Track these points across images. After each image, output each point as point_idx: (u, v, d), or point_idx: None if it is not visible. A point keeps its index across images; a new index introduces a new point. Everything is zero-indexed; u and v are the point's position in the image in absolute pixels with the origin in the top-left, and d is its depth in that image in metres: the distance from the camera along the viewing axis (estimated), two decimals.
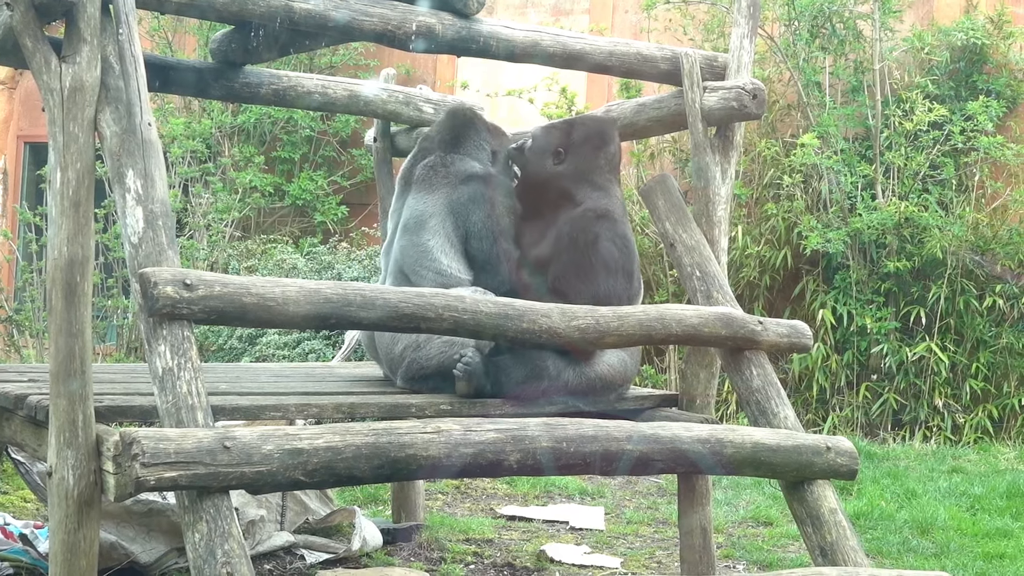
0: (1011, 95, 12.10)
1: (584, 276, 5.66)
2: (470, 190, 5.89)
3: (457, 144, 6.10)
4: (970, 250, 11.52)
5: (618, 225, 5.84)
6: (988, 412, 11.26)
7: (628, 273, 5.78)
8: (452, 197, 5.88)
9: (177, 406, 4.08)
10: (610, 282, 5.69)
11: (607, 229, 5.77)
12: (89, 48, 4.40)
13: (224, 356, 11.03)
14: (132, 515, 5.94)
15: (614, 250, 5.74)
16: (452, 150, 6.07)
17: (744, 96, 5.72)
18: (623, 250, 5.79)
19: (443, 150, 6.07)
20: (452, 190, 5.90)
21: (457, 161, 6.01)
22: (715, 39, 12.48)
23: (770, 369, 5.41)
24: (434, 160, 6.03)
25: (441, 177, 5.96)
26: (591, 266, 5.68)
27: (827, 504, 4.98)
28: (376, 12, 5.19)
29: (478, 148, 6.14)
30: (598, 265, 5.68)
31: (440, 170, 5.98)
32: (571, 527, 7.53)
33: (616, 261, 5.73)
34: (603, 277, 5.67)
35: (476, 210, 5.85)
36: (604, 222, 5.79)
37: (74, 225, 4.34)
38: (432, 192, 5.93)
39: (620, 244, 5.78)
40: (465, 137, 6.14)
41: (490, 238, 5.81)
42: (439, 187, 5.93)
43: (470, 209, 5.85)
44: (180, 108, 14.54)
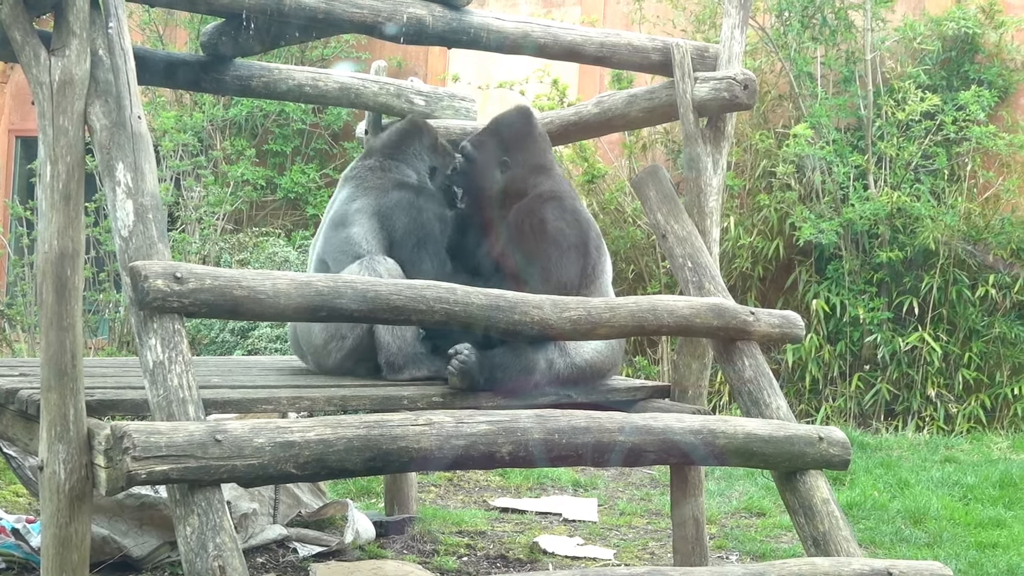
0: (1003, 84, 12.10)
1: (536, 258, 5.68)
2: (399, 196, 5.96)
3: (399, 151, 6.21)
4: (962, 240, 11.53)
5: (565, 202, 5.88)
6: (981, 402, 11.28)
7: (582, 247, 5.78)
8: (381, 200, 5.96)
9: (168, 399, 4.07)
10: (564, 260, 5.71)
11: (554, 208, 5.81)
12: (78, 41, 4.39)
13: (216, 349, 11.01)
14: (124, 509, 5.94)
15: (563, 227, 5.77)
16: (392, 156, 6.18)
17: (735, 86, 5.72)
18: (573, 225, 5.80)
19: (384, 155, 6.19)
20: (383, 194, 5.98)
21: (394, 168, 6.12)
22: (706, 30, 12.47)
23: (762, 360, 5.41)
24: (373, 163, 6.15)
25: (376, 179, 6.06)
26: (543, 248, 5.70)
27: (820, 494, 4.98)
28: (366, 4, 5.19)
29: (418, 159, 6.24)
30: (549, 246, 5.70)
31: (377, 173, 6.09)
32: (564, 519, 7.53)
33: (567, 238, 5.74)
34: (555, 256, 5.69)
35: (401, 216, 5.90)
36: (551, 202, 5.83)
37: (64, 219, 4.33)
38: (364, 193, 6.02)
39: (570, 220, 5.81)
40: (408, 146, 6.24)
41: (411, 244, 5.86)
42: (371, 189, 6.02)
43: (396, 214, 5.90)
44: (171, 101, 14.52)
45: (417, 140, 6.27)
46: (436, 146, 6.33)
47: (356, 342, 5.73)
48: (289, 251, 11.92)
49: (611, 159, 13.00)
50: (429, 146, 6.29)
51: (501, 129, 6.09)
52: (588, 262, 5.80)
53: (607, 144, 12.90)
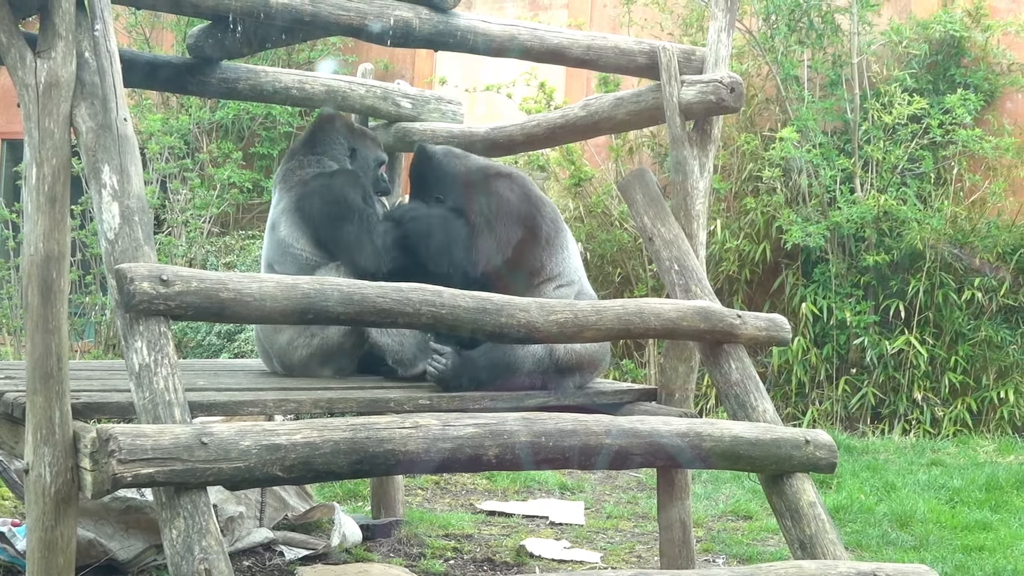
0: (989, 88, 12.13)
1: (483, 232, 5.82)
2: (314, 186, 6.06)
3: (314, 145, 6.34)
4: (949, 243, 11.55)
5: (515, 178, 6.09)
6: (967, 405, 11.30)
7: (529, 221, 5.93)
8: (298, 195, 6.07)
9: (154, 402, 4.06)
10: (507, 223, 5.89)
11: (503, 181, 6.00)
12: (64, 43, 4.38)
13: (202, 352, 11.00)
14: (110, 512, 5.93)
15: (510, 196, 5.95)
16: (309, 152, 6.31)
17: (722, 89, 5.72)
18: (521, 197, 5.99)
19: (302, 153, 6.33)
20: (301, 188, 6.09)
21: (312, 163, 6.24)
22: (693, 33, 12.49)
23: (749, 363, 5.42)
24: (293, 163, 6.28)
25: (296, 178, 6.18)
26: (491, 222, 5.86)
27: (806, 497, 4.98)
28: (353, 6, 5.18)
29: (334, 146, 6.34)
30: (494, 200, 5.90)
31: (297, 172, 6.22)
32: (551, 522, 7.53)
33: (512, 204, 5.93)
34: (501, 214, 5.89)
35: (316, 201, 5.99)
36: (498, 179, 6.02)
37: (50, 221, 4.32)
38: (287, 192, 6.15)
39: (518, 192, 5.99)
40: (324, 137, 6.35)
41: (329, 222, 5.94)
42: (292, 188, 6.15)
43: (312, 202, 6.00)
44: (158, 104, 14.50)
45: (331, 129, 6.37)
46: (352, 129, 6.44)
47: (323, 342, 5.75)
48: None
49: (598, 162, 13.01)
50: (344, 131, 6.39)
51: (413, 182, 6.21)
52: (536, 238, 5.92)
53: (594, 147, 12.90)
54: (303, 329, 5.77)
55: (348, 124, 6.47)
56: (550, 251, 5.93)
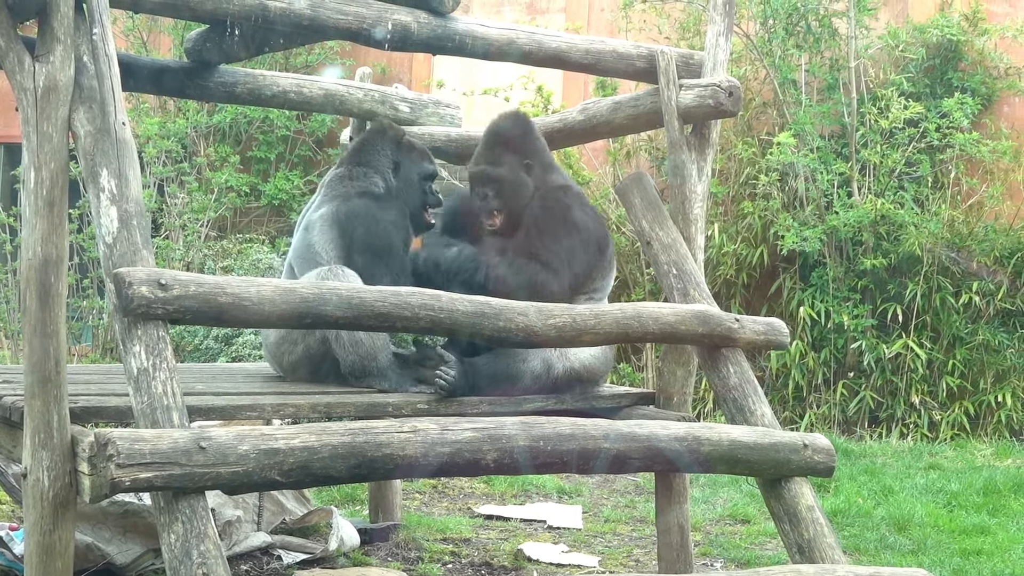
0: (986, 92, 12.13)
1: (557, 238, 5.75)
2: (359, 205, 5.99)
3: (364, 156, 6.25)
4: (946, 247, 11.55)
5: (583, 198, 6.03)
6: (964, 409, 11.29)
7: (601, 242, 5.90)
8: (341, 209, 5.99)
9: (152, 406, 4.06)
10: (584, 248, 5.79)
11: (575, 199, 5.92)
12: (63, 47, 4.38)
13: (200, 356, 11.00)
14: (108, 516, 5.92)
15: (585, 218, 5.87)
16: (360, 162, 6.23)
17: (720, 94, 5.72)
18: (595, 221, 5.93)
19: (352, 162, 6.24)
20: (344, 202, 6.02)
21: (361, 175, 6.16)
22: (691, 37, 12.48)
23: (747, 367, 5.42)
24: (342, 171, 6.21)
25: (342, 187, 6.11)
26: (565, 231, 5.77)
27: (804, 501, 4.98)
28: (351, 10, 5.19)
29: (383, 157, 6.24)
30: (572, 231, 5.78)
31: (344, 181, 6.14)
32: (549, 526, 7.53)
33: (591, 232, 5.84)
34: (578, 243, 5.77)
35: (359, 226, 5.92)
36: (571, 194, 5.95)
37: (48, 225, 4.32)
38: (329, 201, 6.08)
39: (591, 216, 5.92)
40: (373, 149, 6.27)
41: (369, 255, 5.87)
42: (336, 197, 6.08)
43: (354, 224, 5.93)
44: (155, 108, 14.48)
45: (380, 141, 6.29)
46: (400, 143, 6.34)
47: (306, 350, 5.76)
48: (273, 258, 11.91)
49: (595, 166, 13.00)
50: (392, 143, 6.30)
51: (509, 138, 6.08)
52: (603, 257, 5.91)
53: (591, 151, 12.90)
54: (287, 335, 5.81)
55: (396, 137, 6.37)
56: (598, 282, 5.94)
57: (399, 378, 5.56)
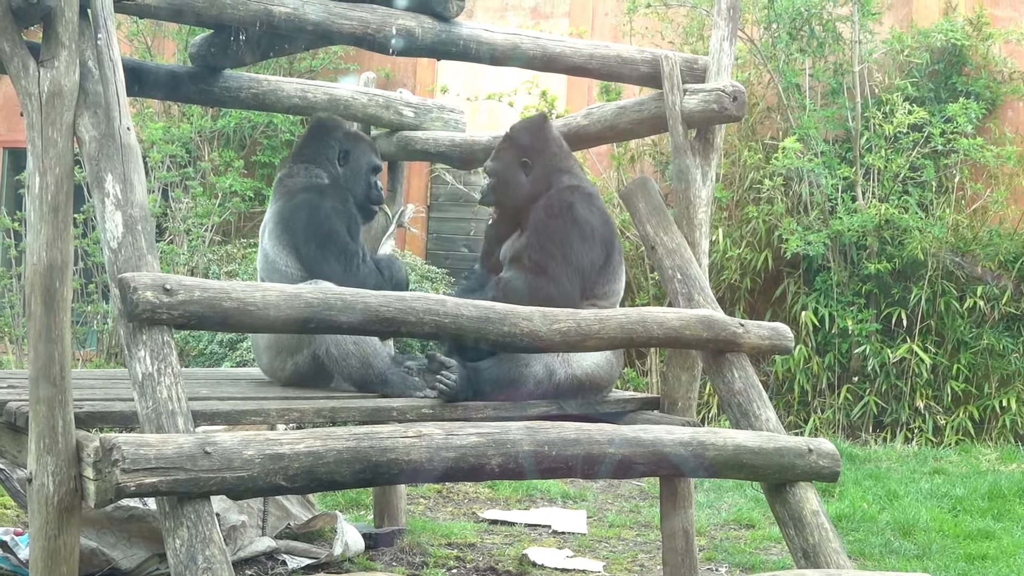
0: (990, 97, 12.12)
1: (561, 240, 5.72)
2: (299, 200, 6.00)
3: (307, 152, 6.26)
4: (950, 251, 11.54)
5: (594, 199, 5.95)
6: (969, 413, 11.28)
7: (607, 243, 5.85)
8: (284, 207, 6.02)
9: (157, 411, 4.06)
10: (587, 247, 5.75)
11: (581, 199, 5.86)
12: (67, 52, 4.39)
13: (205, 361, 11.00)
14: (113, 521, 5.93)
15: (591, 217, 5.82)
16: (302, 159, 6.23)
17: (724, 98, 5.72)
18: (600, 218, 5.87)
19: (294, 160, 6.26)
20: (287, 200, 6.04)
21: (301, 172, 6.16)
22: (694, 42, 12.47)
23: (751, 371, 5.42)
24: (285, 172, 6.23)
25: (285, 188, 6.12)
26: (568, 231, 5.73)
27: (809, 506, 4.99)
28: (355, 15, 5.20)
29: (325, 150, 6.24)
30: (574, 230, 5.74)
31: (286, 181, 6.15)
32: (553, 531, 7.52)
33: (594, 228, 5.80)
34: (579, 241, 5.73)
35: (300, 218, 5.94)
36: (578, 193, 5.88)
37: (53, 230, 4.32)
38: (275, 202, 6.12)
39: (597, 214, 5.87)
40: (316, 143, 6.27)
41: (313, 245, 5.89)
42: (280, 197, 6.10)
43: (296, 217, 5.95)
44: (159, 112, 14.49)
45: (323, 133, 6.30)
46: (346, 133, 6.37)
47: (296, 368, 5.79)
48: None
49: (600, 170, 13.00)
50: (337, 134, 6.31)
51: (516, 136, 6.11)
52: (610, 261, 5.88)
53: (595, 156, 12.90)
54: (277, 354, 5.84)
55: (342, 128, 6.40)
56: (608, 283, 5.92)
57: (401, 382, 5.55)
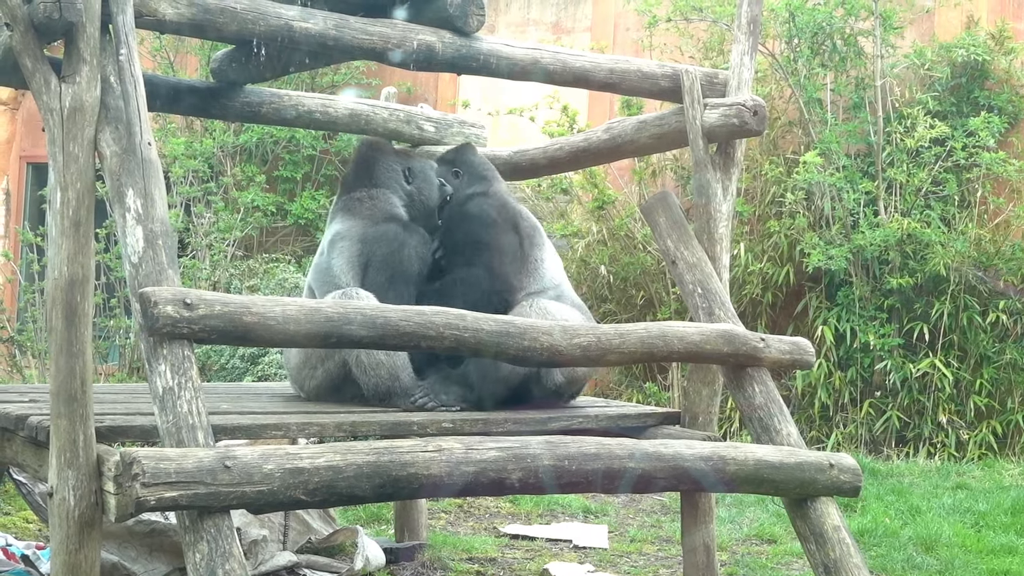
0: (1013, 111, 12.09)
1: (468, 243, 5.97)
2: (384, 229, 5.98)
3: (375, 177, 6.24)
4: (973, 266, 11.51)
5: (491, 197, 6.19)
6: (992, 428, 11.24)
7: (510, 225, 6.03)
8: (368, 229, 5.98)
9: (178, 426, 4.07)
10: (492, 232, 5.98)
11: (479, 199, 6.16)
12: (89, 68, 4.41)
13: (226, 376, 11.02)
14: (134, 535, 5.94)
15: (489, 211, 6.06)
16: (369, 185, 6.20)
17: (745, 113, 5.73)
18: (500, 211, 6.09)
19: (367, 185, 6.20)
20: (372, 223, 6.00)
21: (381, 197, 6.15)
22: (714, 56, 12.48)
23: (772, 386, 5.41)
24: (361, 194, 6.15)
25: (366, 208, 6.09)
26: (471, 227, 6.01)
27: (831, 521, 4.98)
28: (376, 31, 5.21)
29: (390, 172, 6.25)
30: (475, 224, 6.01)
31: (367, 203, 6.12)
32: (574, 545, 7.51)
33: (491, 217, 6.02)
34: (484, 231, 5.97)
35: (382, 247, 5.91)
36: (478, 196, 6.18)
37: (74, 245, 4.34)
38: (353, 218, 6.06)
39: (495, 206, 6.11)
40: (378, 167, 6.26)
41: (385, 272, 5.87)
42: (361, 216, 6.06)
43: (379, 243, 5.92)
44: (182, 128, 14.54)
45: (381, 157, 6.30)
46: (398, 153, 6.40)
47: (326, 374, 5.77)
48: (299, 277, 11.92)
49: (621, 185, 13.01)
50: (392, 158, 6.32)
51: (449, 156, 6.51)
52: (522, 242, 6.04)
53: (617, 170, 12.90)
54: (307, 360, 5.82)
55: (392, 149, 6.45)
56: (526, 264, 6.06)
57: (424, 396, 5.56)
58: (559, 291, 6.03)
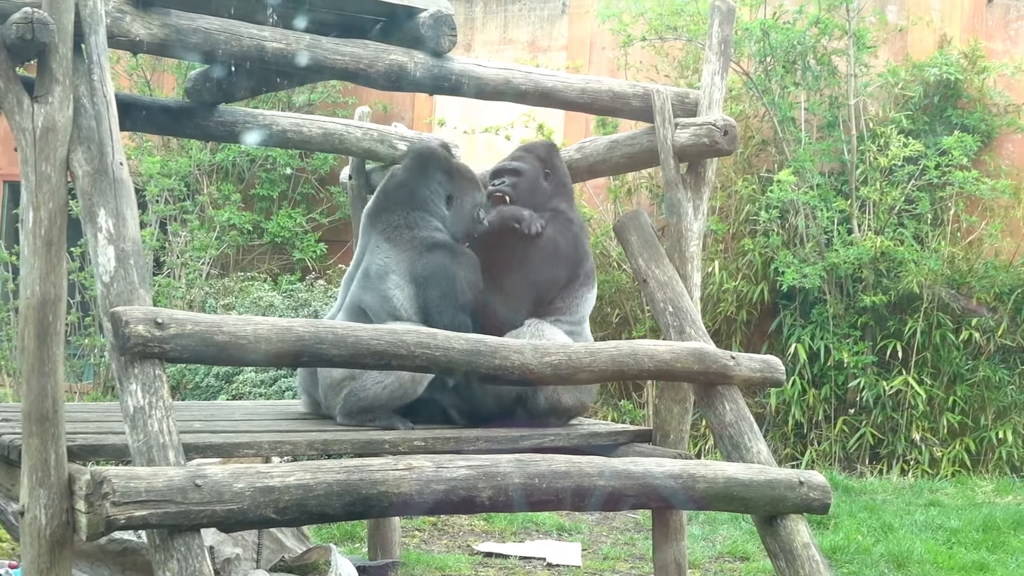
0: (985, 129, 12.17)
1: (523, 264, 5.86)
2: (433, 261, 5.77)
3: (414, 198, 5.98)
4: (946, 284, 11.57)
5: (571, 224, 6.05)
6: (965, 445, 11.30)
7: (573, 265, 5.96)
8: (415, 264, 5.76)
9: (148, 444, 4.08)
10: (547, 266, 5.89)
11: (559, 223, 5.98)
12: (61, 88, 4.41)
13: (200, 394, 11.01)
14: (106, 554, 5.93)
15: (560, 240, 5.93)
16: (413, 206, 5.94)
17: (715, 132, 5.76)
18: (570, 243, 5.98)
19: (405, 206, 5.93)
20: (417, 256, 5.78)
21: (419, 221, 5.88)
22: (689, 75, 12.53)
23: (743, 404, 5.44)
24: (400, 219, 5.89)
25: (406, 239, 5.84)
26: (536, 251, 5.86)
27: (800, 538, 5.00)
28: (348, 51, 5.22)
29: (433, 196, 5.99)
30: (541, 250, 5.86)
31: (404, 232, 5.86)
32: (548, 563, 7.53)
33: (560, 250, 5.92)
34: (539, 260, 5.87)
35: (436, 286, 5.72)
36: (560, 219, 6.00)
37: (46, 264, 4.34)
38: (396, 250, 5.82)
39: (570, 237, 5.99)
40: (424, 185, 6.01)
41: (447, 314, 5.68)
42: (403, 248, 5.82)
43: (431, 283, 5.72)
44: (158, 146, 14.53)
45: (431, 172, 6.05)
46: (450, 172, 6.10)
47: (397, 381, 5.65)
48: (275, 296, 11.91)
49: (596, 203, 13.05)
50: (441, 176, 6.05)
51: (535, 148, 6.26)
52: (574, 280, 5.97)
53: (592, 188, 12.94)
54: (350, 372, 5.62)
55: (445, 166, 6.12)
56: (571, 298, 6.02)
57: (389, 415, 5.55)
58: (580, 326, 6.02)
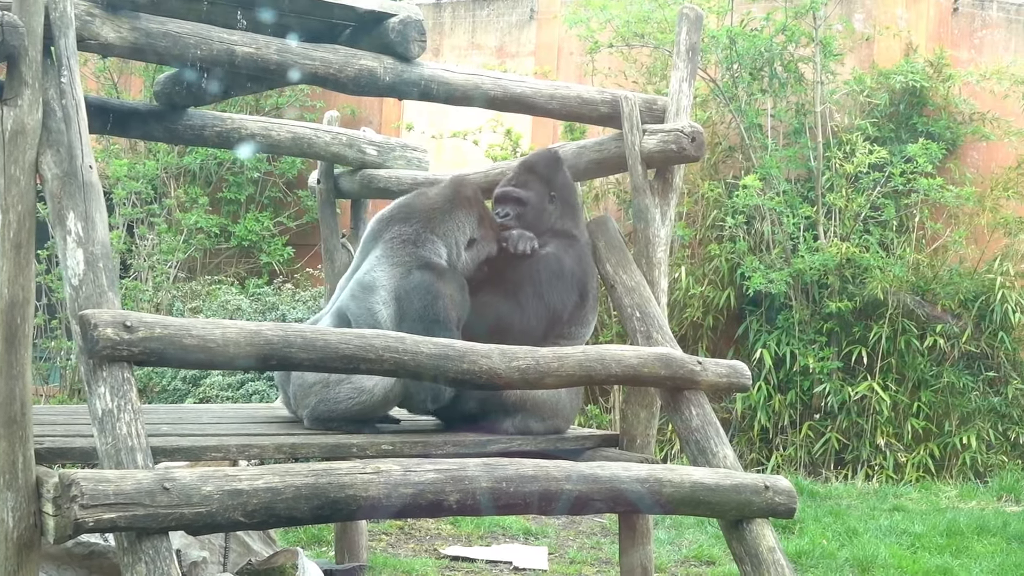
0: (950, 137, 12.26)
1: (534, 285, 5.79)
2: (419, 279, 5.69)
3: (439, 223, 5.88)
4: (911, 290, 11.64)
5: (581, 246, 5.97)
6: (930, 451, 11.37)
7: (583, 288, 5.88)
8: (403, 279, 5.70)
9: (116, 448, 4.08)
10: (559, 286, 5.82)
11: (567, 246, 5.90)
12: (31, 91, 4.42)
13: (168, 397, 10.99)
14: (73, 557, 5.92)
15: (572, 263, 5.87)
16: (431, 228, 5.86)
17: (683, 139, 5.78)
18: (581, 266, 5.91)
19: (424, 225, 5.86)
20: (407, 272, 5.71)
21: (428, 243, 5.81)
22: (657, 82, 12.56)
23: (709, 409, 5.46)
24: (411, 233, 5.82)
25: (407, 254, 5.77)
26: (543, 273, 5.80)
27: (766, 543, 5.03)
28: (318, 55, 5.24)
29: (458, 231, 5.90)
30: (550, 272, 5.80)
31: (408, 247, 5.78)
32: (514, 567, 7.54)
33: (572, 274, 5.85)
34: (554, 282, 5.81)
35: (416, 300, 5.64)
36: (567, 240, 5.93)
37: (15, 267, 4.34)
38: (391, 264, 5.76)
39: (579, 260, 5.91)
40: (451, 217, 5.90)
41: (420, 329, 5.43)
42: (398, 263, 5.76)
43: (411, 297, 5.64)
44: (126, 149, 14.49)
45: (466, 209, 5.95)
46: (481, 219, 5.98)
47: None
48: (242, 299, 11.90)
49: None
50: (472, 219, 5.94)
51: (537, 167, 6.12)
52: (584, 304, 5.92)
53: None
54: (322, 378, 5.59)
55: (481, 210, 6.01)
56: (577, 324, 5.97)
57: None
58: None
